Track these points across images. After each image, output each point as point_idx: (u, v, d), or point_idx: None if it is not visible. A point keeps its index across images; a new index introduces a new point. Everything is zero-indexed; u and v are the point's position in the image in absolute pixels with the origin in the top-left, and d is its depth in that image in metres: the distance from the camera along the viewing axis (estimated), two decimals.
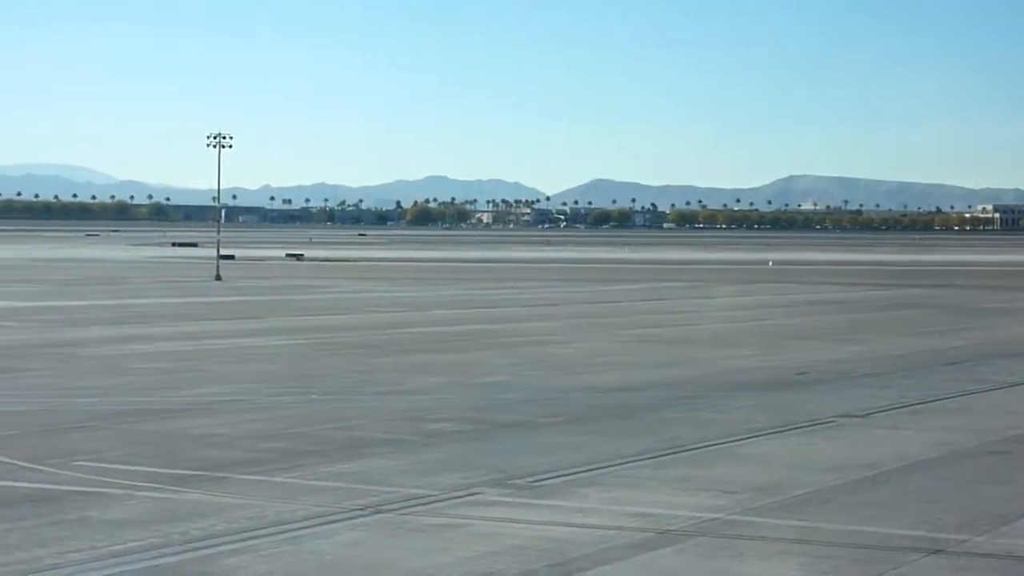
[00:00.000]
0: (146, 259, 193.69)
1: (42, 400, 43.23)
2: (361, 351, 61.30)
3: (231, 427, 38.33)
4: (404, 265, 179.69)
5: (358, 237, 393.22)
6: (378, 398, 45.14)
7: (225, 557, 23.74)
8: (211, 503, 28.06)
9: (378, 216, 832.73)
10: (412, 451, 34.93)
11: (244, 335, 68.98)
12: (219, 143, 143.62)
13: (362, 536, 25.49)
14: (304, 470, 31.98)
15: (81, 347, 60.78)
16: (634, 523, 26.74)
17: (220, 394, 45.51)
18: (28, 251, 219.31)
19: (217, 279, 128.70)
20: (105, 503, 27.86)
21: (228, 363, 55.51)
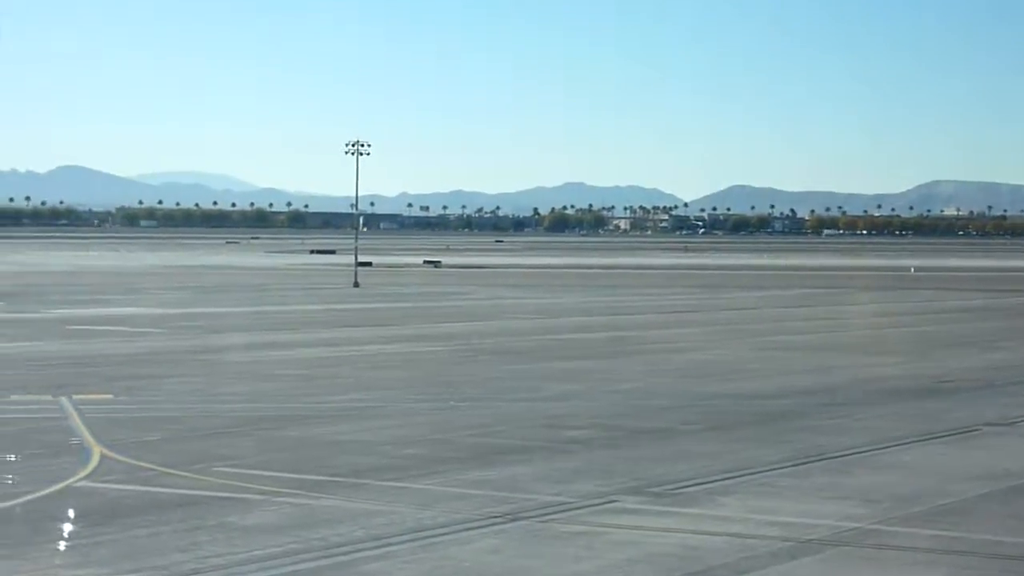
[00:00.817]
0: (285, 266, 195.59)
1: (184, 406, 43.72)
2: (498, 358, 61.37)
3: (370, 433, 38.50)
4: (541, 272, 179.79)
5: (495, 244, 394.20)
6: (515, 405, 45.12)
7: (364, 563, 23.80)
8: (350, 509, 28.17)
9: (515, 223, 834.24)
10: (549, 458, 34.86)
11: (382, 342, 69.35)
12: (357, 150, 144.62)
13: (499, 543, 25.45)
14: (442, 477, 32.03)
15: (222, 354, 61.43)
16: (775, 532, 26.46)
17: (358, 400, 45.76)
18: (170, 259, 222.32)
19: (355, 286, 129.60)
20: (245, 509, 28.08)
21: (366, 370, 55.82)
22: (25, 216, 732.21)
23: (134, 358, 59.08)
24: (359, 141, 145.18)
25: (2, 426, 38.95)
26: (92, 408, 42.40)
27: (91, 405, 43.07)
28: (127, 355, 60.44)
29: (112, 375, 52.16)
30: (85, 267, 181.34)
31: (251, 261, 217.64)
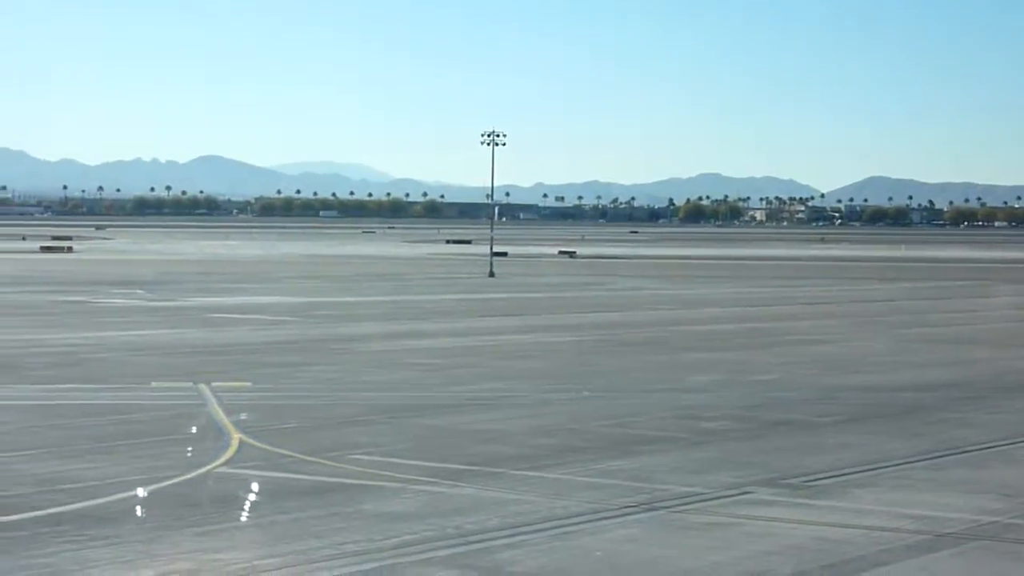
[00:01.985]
0: (421, 256, 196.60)
1: (322, 395, 44.18)
2: (633, 348, 61.31)
3: (505, 423, 38.67)
4: (676, 263, 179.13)
5: (630, 234, 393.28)
6: (650, 395, 45.09)
7: (498, 551, 23.94)
8: (484, 497, 28.34)
9: (650, 213, 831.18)
10: (685, 449, 34.82)
11: (517, 331, 69.54)
12: (493, 141, 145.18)
13: (634, 533, 25.48)
14: (577, 466, 32.11)
15: (359, 343, 61.94)
16: (911, 525, 26.25)
17: (494, 390, 45.96)
18: (307, 248, 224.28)
19: (491, 276, 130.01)
20: (381, 496, 28.33)
21: (501, 359, 56.02)
22: (166, 205, 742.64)
23: (272, 346, 59.77)
24: (495, 132, 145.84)
25: (143, 412, 39.62)
26: (231, 395, 42.99)
27: (230, 392, 43.67)
28: (265, 343, 61.16)
29: (250, 363, 52.82)
30: (224, 256, 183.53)
31: (388, 251, 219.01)
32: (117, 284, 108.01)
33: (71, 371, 49.86)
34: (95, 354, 55.60)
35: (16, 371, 49.52)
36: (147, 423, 37.69)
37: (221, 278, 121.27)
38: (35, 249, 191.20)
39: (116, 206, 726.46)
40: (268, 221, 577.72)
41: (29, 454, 32.72)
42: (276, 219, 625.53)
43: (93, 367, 51.18)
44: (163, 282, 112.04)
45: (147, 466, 31.20)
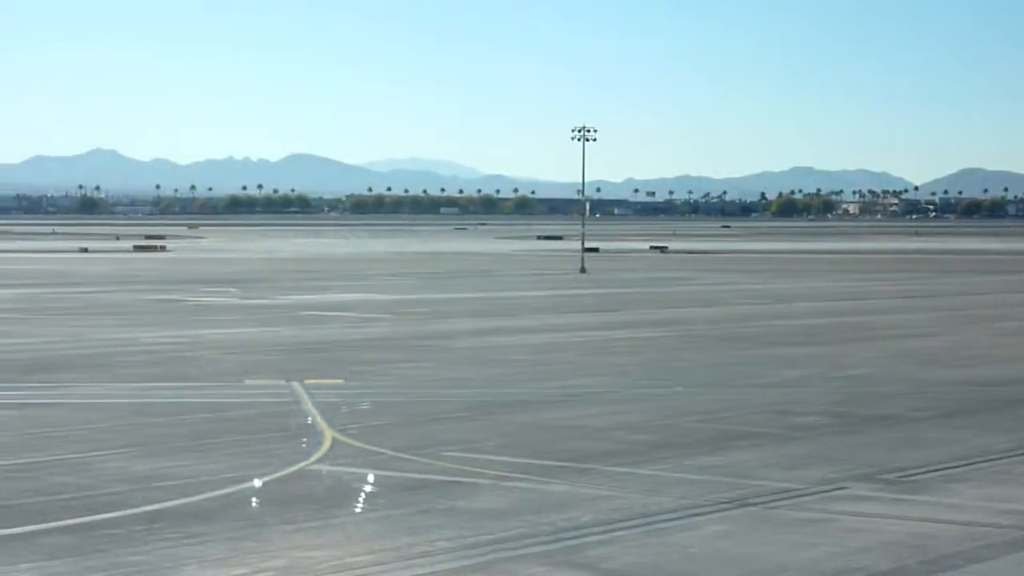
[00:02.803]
0: (512, 252, 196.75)
1: (413, 391, 44.24)
2: (725, 344, 60.99)
3: (597, 419, 38.55)
4: (768, 257, 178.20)
5: (722, 229, 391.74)
6: (743, 391, 44.81)
7: (591, 548, 23.83)
8: (577, 494, 28.25)
9: (742, 208, 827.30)
10: (778, 444, 34.56)
11: (609, 327, 69.37)
12: (583, 136, 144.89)
13: (728, 529, 25.31)
14: (669, 462, 31.95)
15: (451, 339, 62.01)
16: (1009, 520, 25.90)
17: (585, 386, 45.84)
18: (399, 245, 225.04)
19: (582, 272, 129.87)
20: (473, 493, 28.30)
21: (593, 355, 55.89)
22: (257, 204, 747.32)
23: (364, 343, 59.94)
24: (585, 127, 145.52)
25: (237, 410, 39.84)
26: (323, 392, 43.14)
27: (322, 389, 43.83)
28: (357, 340, 61.35)
29: (342, 360, 52.99)
30: (315, 253, 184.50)
31: (479, 247, 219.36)
32: (210, 282, 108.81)
33: (165, 369, 50.23)
34: (189, 352, 56.00)
35: (111, 369, 49.96)
36: (240, 421, 37.88)
37: (313, 275, 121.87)
38: (129, 248, 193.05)
39: (208, 205, 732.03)
40: (360, 218, 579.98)
41: (123, 452, 32.97)
42: (368, 216, 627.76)
43: (187, 365, 51.54)
44: (255, 280, 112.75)
45: (240, 464, 31.35)
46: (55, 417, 38.42)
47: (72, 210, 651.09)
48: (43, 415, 38.82)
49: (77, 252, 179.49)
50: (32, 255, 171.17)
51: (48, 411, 39.61)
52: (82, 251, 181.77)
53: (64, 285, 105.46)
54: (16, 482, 29.34)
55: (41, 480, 29.54)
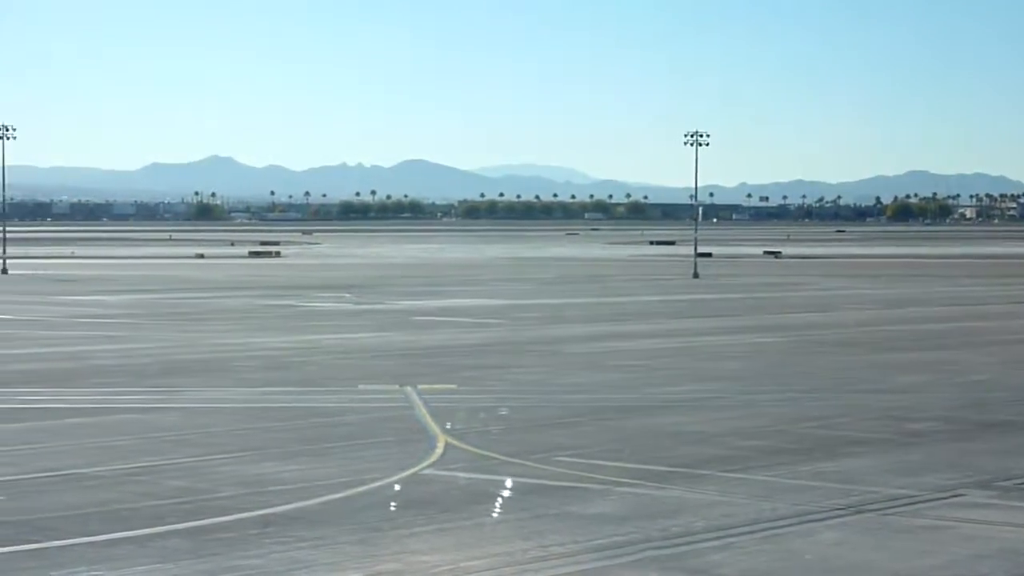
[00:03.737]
0: (625, 257, 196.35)
1: (526, 396, 44.25)
2: (839, 349, 60.50)
3: (710, 424, 38.37)
4: (883, 262, 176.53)
5: (836, 234, 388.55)
6: (857, 396, 44.41)
7: (705, 554, 23.72)
8: (690, 500, 28.13)
9: (856, 212, 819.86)
10: (893, 451, 34.23)
11: (721, 332, 69.04)
12: (696, 141, 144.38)
13: (842, 536, 25.09)
14: (783, 468, 31.73)
15: (564, 344, 61.98)
16: None
17: (699, 391, 45.65)
18: (512, 250, 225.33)
19: (695, 276, 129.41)
20: (586, 498, 28.27)
21: (706, 360, 55.65)
22: (371, 210, 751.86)
23: (476, 348, 60.07)
24: (698, 132, 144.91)
25: (352, 415, 40.06)
26: (436, 397, 43.26)
27: (435, 395, 43.95)
28: (469, 345, 61.49)
29: (455, 365, 53.13)
30: (428, 259, 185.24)
31: (591, 252, 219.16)
32: (324, 288, 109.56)
33: (280, 374, 50.63)
34: (303, 357, 56.41)
35: (227, 374, 50.44)
36: (354, 425, 38.10)
37: (426, 281, 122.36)
38: (244, 254, 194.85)
39: (322, 211, 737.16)
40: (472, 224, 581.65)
41: (239, 456, 33.27)
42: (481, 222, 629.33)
43: (301, 370, 51.91)
44: (369, 285, 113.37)
45: (354, 468, 31.52)
46: (171, 421, 38.85)
47: (188, 216, 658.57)
48: (160, 419, 39.27)
49: (193, 258, 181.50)
50: (149, 261, 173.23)
51: (165, 415, 40.05)
52: (198, 257, 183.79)
53: (181, 291, 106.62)
54: (133, 485, 29.69)
55: (157, 484, 29.87)
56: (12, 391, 44.90)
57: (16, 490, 29.16)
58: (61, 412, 40.54)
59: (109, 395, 44.14)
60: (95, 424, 38.30)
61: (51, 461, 32.53)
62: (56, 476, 30.81)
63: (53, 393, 44.49)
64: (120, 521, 26.02)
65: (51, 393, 44.50)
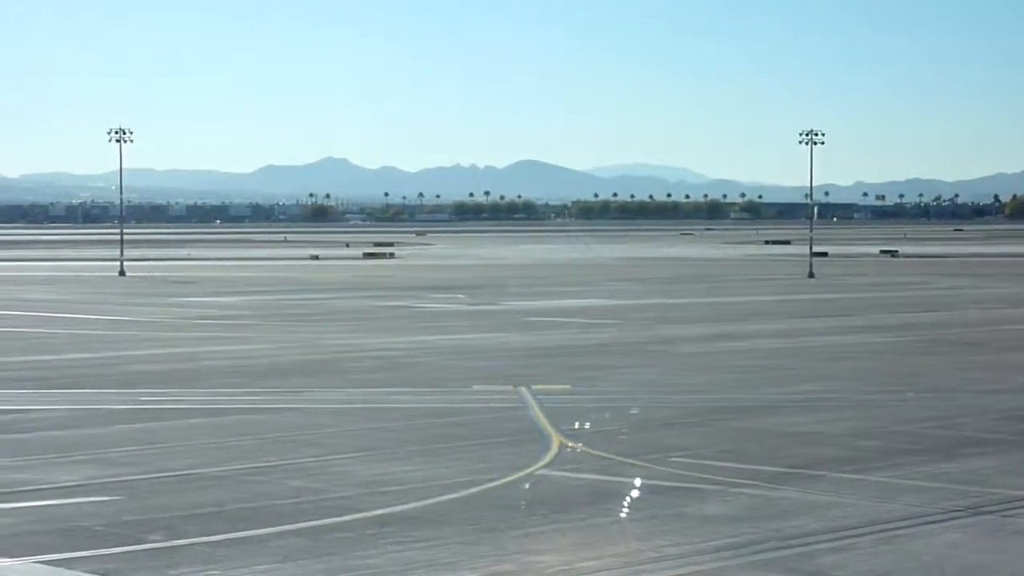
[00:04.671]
0: (739, 257, 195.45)
1: (640, 397, 44.13)
2: (958, 348, 59.83)
3: (825, 424, 38.08)
4: (1002, 261, 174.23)
5: (954, 232, 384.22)
6: (977, 397, 43.89)
7: (821, 556, 23.54)
8: (806, 500, 27.93)
9: (974, 210, 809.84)
10: (1013, 451, 33.79)
11: (837, 332, 68.50)
12: (811, 140, 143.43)
13: (961, 538, 24.80)
14: (901, 469, 31.42)
15: (678, 344, 61.80)
16: None
17: (814, 391, 45.31)
18: (625, 251, 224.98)
19: (810, 276, 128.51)
20: (700, 499, 28.16)
21: (822, 360, 55.23)
22: (484, 210, 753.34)
23: (590, 348, 60.03)
24: (813, 130, 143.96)
25: (466, 415, 40.17)
26: (550, 398, 43.27)
27: (550, 395, 43.95)
28: (583, 346, 61.46)
29: (569, 365, 53.12)
30: (542, 259, 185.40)
31: (706, 252, 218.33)
32: (438, 289, 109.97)
33: (394, 375, 50.88)
34: (417, 358, 56.67)
35: (341, 375, 50.76)
36: (469, 426, 38.20)
37: (540, 281, 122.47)
38: (358, 255, 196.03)
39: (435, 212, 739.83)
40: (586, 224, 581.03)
41: (355, 456, 33.47)
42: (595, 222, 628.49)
43: (416, 371, 52.14)
44: (483, 286, 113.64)
45: (469, 468, 31.60)
46: (289, 422, 39.17)
47: (303, 218, 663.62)
48: (277, 420, 39.61)
49: (308, 259, 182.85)
50: (264, 263, 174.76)
51: (282, 416, 40.39)
52: (313, 258, 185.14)
53: (296, 292, 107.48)
54: (251, 485, 29.96)
55: (275, 484, 30.12)
56: (131, 392, 45.48)
57: (135, 490, 29.52)
58: (180, 413, 41.01)
59: (226, 396, 44.58)
60: (213, 424, 38.70)
61: (170, 461, 32.92)
62: (175, 476, 31.16)
63: (171, 394, 45.02)
64: (238, 521, 26.27)
65: (169, 394, 45.03)
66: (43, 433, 37.27)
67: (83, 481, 30.46)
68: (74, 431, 37.63)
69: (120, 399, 43.86)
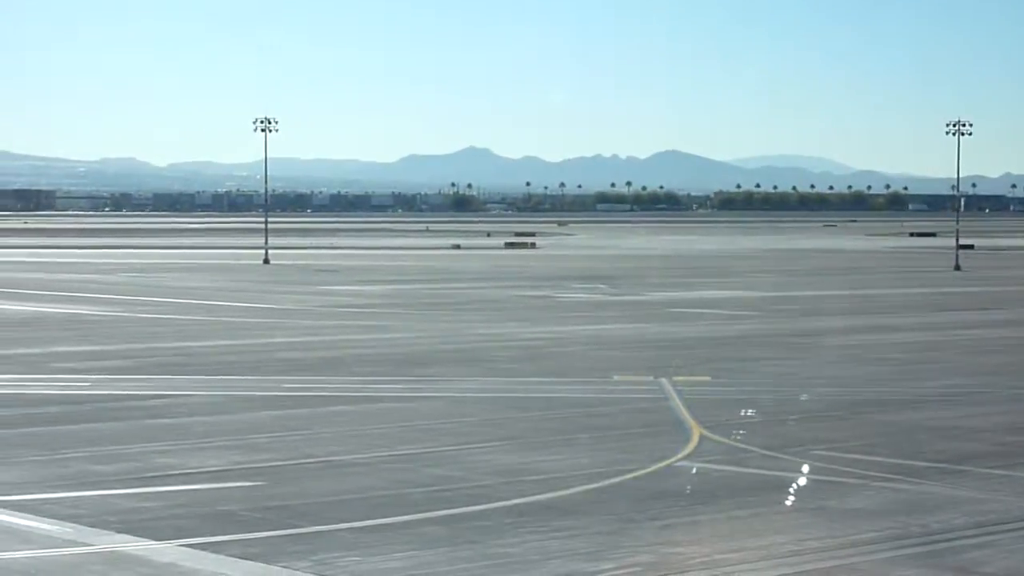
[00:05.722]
0: (883, 249, 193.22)
1: (782, 389, 43.81)
2: None
3: (972, 419, 37.57)
4: None
5: None
6: None
7: (965, 551, 23.23)
8: (951, 496, 27.58)
9: None
10: None
11: (985, 326, 67.55)
12: (958, 130, 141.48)
13: None
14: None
15: (819, 337, 61.25)
16: None
17: (959, 385, 44.71)
18: (765, 242, 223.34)
19: (956, 269, 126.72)
20: (842, 493, 27.90)
21: (969, 354, 54.47)
22: (626, 201, 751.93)
23: (731, 340, 59.70)
24: (960, 121, 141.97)
25: (606, 405, 40.15)
26: (691, 389, 43.08)
27: (690, 386, 43.77)
28: (724, 337, 61.14)
29: (710, 357, 52.87)
30: (684, 251, 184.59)
31: (849, 244, 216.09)
32: (579, 279, 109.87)
33: (535, 364, 50.95)
34: (558, 348, 56.69)
35: (483, 364, 50.92)
36: (609, 416, 38.16)
37: (681, 272, 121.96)
38: (499, 245, 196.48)
39: (577, 202, 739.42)
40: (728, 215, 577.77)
41: (494, 445, 33.57)
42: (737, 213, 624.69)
43: (556, 360, 52.16)
44: (624, 277, 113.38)
45: (609, 459, 31.57)
46: (429, 410, 39.38)
47: (445, 207, 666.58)
48: (417, 408, 39.85)
49: (450, 249, 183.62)
50: (406, 252, 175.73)
51: (422, 404, 40.62)
52: (454, 248, 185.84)
53: (437, 281, 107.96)
54: (392, 473, 30.17)
55: (416, 472, 30.31)
56: (275, 379, 45.97)
57: (278, 476, 29.86)
58: (323, 400, 41.39)
59: (368, 384, 44.92)
60: (354, 412, 39.02)
61: (313, 448, 33.25)
62: (318, 462, 31.48)
63: (314, 381, 45.43)
64: (378, 508, 26.46)
65: (312, 381, 45.45)
66: (190, 418, 37.82)
67: (228, 466, 30.88)
68: (220, 417, 38.16)
69: (265, 386, 44.36)
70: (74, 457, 31.97)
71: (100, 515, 25.82)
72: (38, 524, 25.16)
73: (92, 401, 41.00)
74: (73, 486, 28.56)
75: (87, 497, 27.49)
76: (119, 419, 37.75)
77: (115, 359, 52.31)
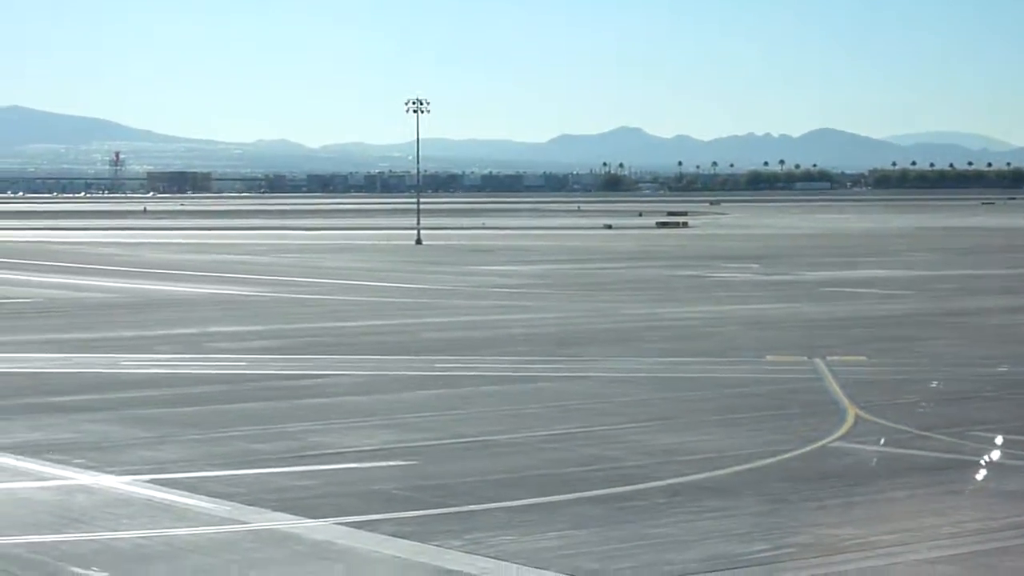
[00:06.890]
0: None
1: (938, 369, 43.21)
2: None
3: None
4: None
5: None
6: None
7: None
8: None
9: None
10: None
11: None
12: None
13: None
14: None
15: (979, 316, 60.37)
16: None
17: None
18: (921, 220, 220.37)
19: None
20: (1001, 474, 27.51)
21: None
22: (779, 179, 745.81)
23: (887, 320, 59.01)
24: None
25: (760, 385, 39.89)
26: (846, 369, 42.64)
27: (845, 367, 43.32)
28: (879, 317, 60.46)
29: (865, 337, 52.31)
30: (837, 229, 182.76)
31: (1007, 222, 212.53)
32: (731, 259, 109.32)
33: (687, 344, 50.75)
34: (710, 328, 56.43)
35: (635, 344, 50.81)
36: (762, 396, 37.92)
37: (835, 252, 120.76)
38: (651, 225, 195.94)
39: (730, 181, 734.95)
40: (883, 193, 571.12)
41: (646, 425, 33.50)
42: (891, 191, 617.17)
43: (709, 340, 51.92)
44: (777, 256, 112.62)
45: (763, 439, 31.37)
46: (582, 390, 39.38)
47: (596, 187, 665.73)
48: (570, 388, 39.86)
49: (601, 229, 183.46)
50: (558, 232, 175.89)
51: (575, 384, 40.63)
52: (606, 228, 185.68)
53: (589, 261, 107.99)
54: (547, 452, 30.22)
55: (571, 451, 30.33)
56: (429, 359, 46.24)
57: (432, 455, 30.03)
58: (475, 380, 41.53)
59: (521, 363, 45.03)
60: (508, 392, 39.14)
61: (465, 427, 33.40)
62: (470, 442, 31.63)
63: (468, 361, 45.62)
64: (533, 487, 26.51)
65: (466, 361, 45.64)
66: (343, 398, 38.18)
67: (381, 446, 31.12)
68: (372, 396, 38.48)
69: (416, 366, 44.65)
70: (231, 436, 32.42)
71: (256, 493, 26.16)
72: (196, 502, 25.55)
73: (247, 380, 41.56)
74: (230, 465, 28.95)
75: (244, 476, 27.86)
76: (274, 399, 38.23)
77: (269, 339, 52.96)
